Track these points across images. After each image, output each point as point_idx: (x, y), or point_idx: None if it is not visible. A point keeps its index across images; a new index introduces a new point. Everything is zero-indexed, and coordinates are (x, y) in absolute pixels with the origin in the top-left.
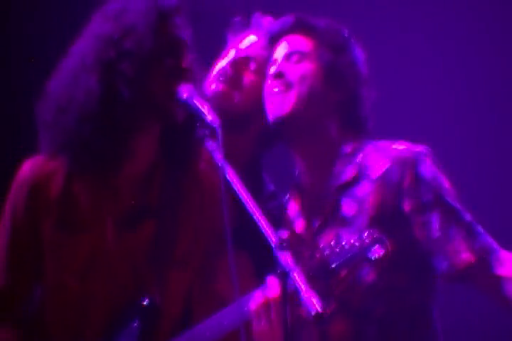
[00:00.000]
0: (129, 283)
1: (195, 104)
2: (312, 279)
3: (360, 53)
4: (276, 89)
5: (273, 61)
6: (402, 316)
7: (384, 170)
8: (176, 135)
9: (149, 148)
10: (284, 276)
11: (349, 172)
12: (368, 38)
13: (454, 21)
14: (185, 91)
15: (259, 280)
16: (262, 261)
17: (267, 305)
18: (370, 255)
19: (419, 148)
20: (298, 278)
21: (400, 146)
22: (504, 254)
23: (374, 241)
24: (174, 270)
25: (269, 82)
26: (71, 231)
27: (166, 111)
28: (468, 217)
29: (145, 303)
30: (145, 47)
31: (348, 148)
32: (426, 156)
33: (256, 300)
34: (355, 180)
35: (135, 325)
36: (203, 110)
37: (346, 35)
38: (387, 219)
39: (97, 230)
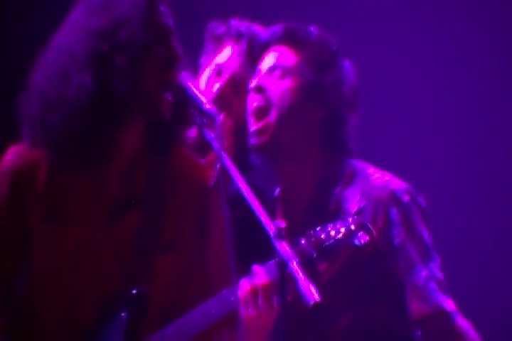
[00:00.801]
0: (116, 273)
1: (193, 92)
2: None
3: (347, 68)
4: (255, 104)
5: (257, 72)
6: None
7: (359, 207)
8: (161, 124)
9: (135, 139)
10: (282, 266)
11: (327, 204)
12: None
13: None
14: (182, 80)
15: (244, 269)
16: (252, 250)
17: (254, 292)
18: (355, 241)
19: (399, 186)
20: (296, 268)
21: (379, 180)
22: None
23: (359, 228)
24: (161, 258)
25: (251, 94)
26: (59, 222)
27: (159, 103)
28: (423, 273)
29: (133, 293)
30: (139, 39)
31: (328, 171)
32: (402, 197)
33: (243, 287)
34: (333, 213)
35: (123, 314)
36: (201, 99)
37: (335, 49)
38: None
39: (84, 221)
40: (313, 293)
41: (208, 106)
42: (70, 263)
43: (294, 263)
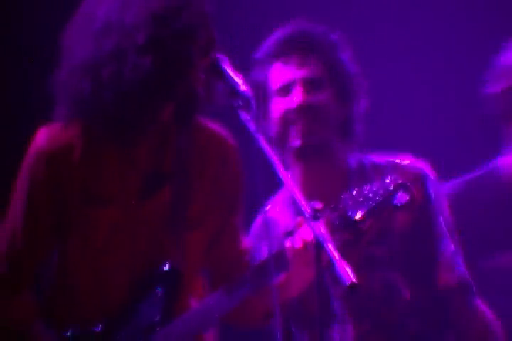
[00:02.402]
0: (150, 250)
1: (229, 75)
2: (336, 231)
3: (352, 61)
4: (302, 118)
5: (291, 83)
6: (435, 335)
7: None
8: (190, 102)
9: (168, 116)
10: (319, 247)
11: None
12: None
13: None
14: (219, 62)
15: None
16: None
17: (304, 245)
18: (395, 201)
19: (422, 163)
20: (332, 249)
21: (403, 162)
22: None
23: (397, 187)
24: (192, 233)
25: (292, 111)
26: (93, 202)
27: (196, 84)
28: (451, 247)
29: (166, 268)
30: (194, 24)
31: (353, 163)
32: (430, 173)
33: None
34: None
35: (158, 291)
36: (237, 81)
37: (343, 46)
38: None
39: (118, 201)
40: (349, 274)
41: (243, 88)
42: (104, 243)
43: (330, 245)
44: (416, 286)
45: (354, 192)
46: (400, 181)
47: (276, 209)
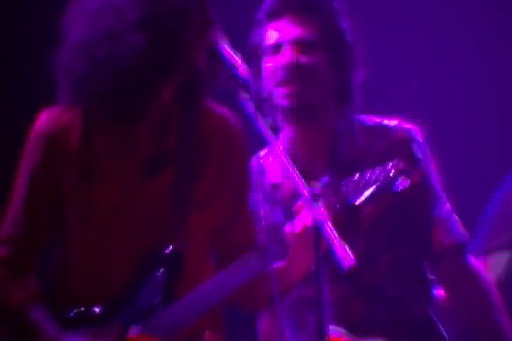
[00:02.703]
0: (152, 231)
1: (226, 55)
2: (337, 216)
3: (349, 26)
4: (289, 78)
5: (282, 41)
6: (413, 301)
7: (381, 150)
8: (193, 82)
9: (168, 96)
10: (317, 229)
11: (348, 153)
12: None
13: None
14: (216, 43)
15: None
16: None
17: (304, 228)
18: (395, 187)
19: (410, 125)
20: (330, 230)
21: (390, 123)
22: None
23: (399, 173)
24: (195, 215)
25: (280, 69)
26: (93, 182)
27: (196, 64)
28: (447, 206)
29: (168, 250)
30: (189, 4)
31: (341, 124)
32: (418, 136)
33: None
34: (355, 162)
35: (160, 272)
36: (234, 61)
37: (343, 12)
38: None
39: (118, 180)
40: (348, 255)
41: (241, 69)
42: (104, 223)
43: (329, 226)
44: (401, 249)
45: (356, 177)
46: (401, 167)
47: (268, 159)
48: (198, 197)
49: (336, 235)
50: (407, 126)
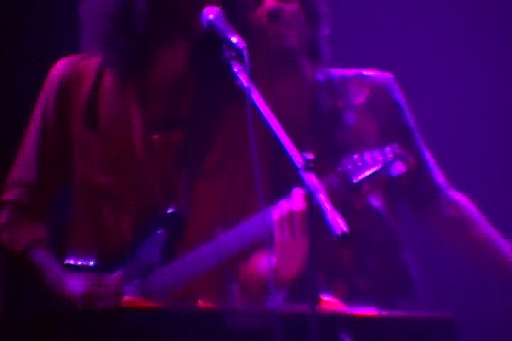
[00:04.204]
0: (155, 190)
1: (220, 25)
2: (334, 193)
3: None
4: (276, 21)
5: None
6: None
7: (365, 98)
8: (205, 55)
9: (178, 64)
10: (310, 197)
11: (332, 102)
12: None
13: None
14: (210, 13)
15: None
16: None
17: (290, 216)
18: (391, 171)
19: (387, 74)
20: (323, 199)
21: (368, 72)
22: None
23: (396, 157)
24: (202, 181)
25: (268, 15)
26: (98, 132)
27: (190, 28)
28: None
29: (170, 211)
30: None
31: (320, 77)
32: (396, 83)
33: (280, 210)
34: (340, 110)
35: (160, 232)
36: (228, 32)
37: None
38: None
39: (124, 132)
40: (340, 224)
41: (235, 40)
42: (109, 174)
43: (322, 195)
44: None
45: (355, 157)
46: (399, 151)
47: None
48: (207, 165)
49: (329, 204)
50: (385, 74)
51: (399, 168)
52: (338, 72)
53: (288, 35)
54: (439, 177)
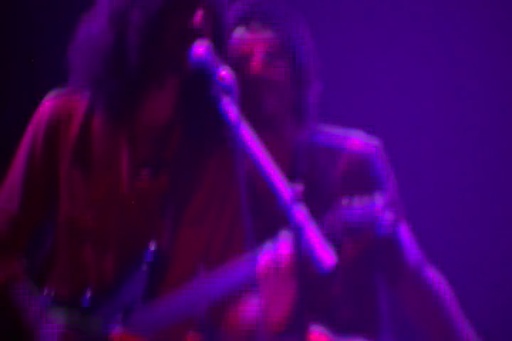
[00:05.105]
0: (140, 228)
1: (209, 60)
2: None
3: (307, 33)
4: (255, 90)
5: (252, 53)
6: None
7: (341, 172)
8: (194, 93)
9: (167, 104)
10: (298, 230)
11: (309, 172)
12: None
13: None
14: (199, 47)
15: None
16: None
17: (276, 262)
18: (378, 229)
19: (372, 145)
20: (312, 232)
21: (353, 143)
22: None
23: (384, 208)
24: (186, 223)
25: (248, 82)
26: (86, 171)
27: (179, 65)
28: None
29: (152, 248)
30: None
31: (303, 139)
32: (380, 153)
33: (266, 256)
34: (316, 181)
35: (144, 270)
36: (217, 65)
37: (302, 21)
38: None
39: (111, 173)
40: (329, 255)
41: (224, 74)
42: (94, 213)
43: (311, 227)
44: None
45: (345, 204)
46: (386, 202)
47: None
48: (191, 209)
49: (318, 235)
50: (369, 145)
51: (386, 219)
52: (323, 134)
53: (268, 101)
54: (412, 255)
